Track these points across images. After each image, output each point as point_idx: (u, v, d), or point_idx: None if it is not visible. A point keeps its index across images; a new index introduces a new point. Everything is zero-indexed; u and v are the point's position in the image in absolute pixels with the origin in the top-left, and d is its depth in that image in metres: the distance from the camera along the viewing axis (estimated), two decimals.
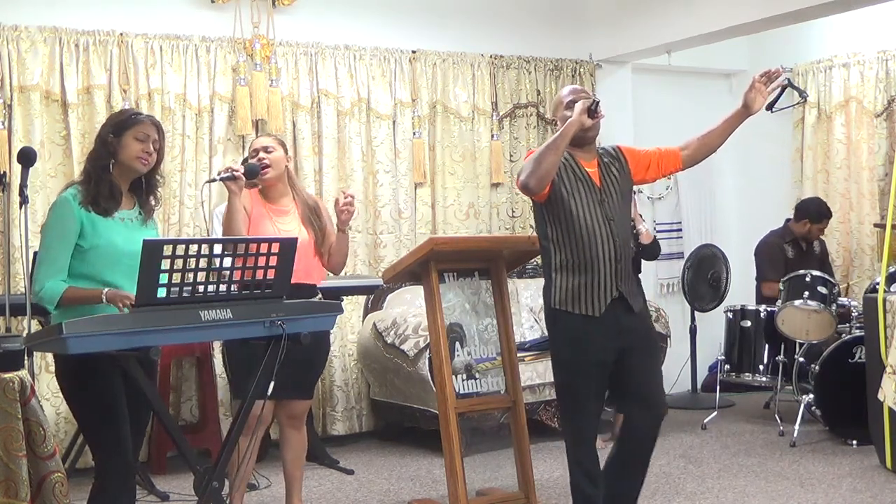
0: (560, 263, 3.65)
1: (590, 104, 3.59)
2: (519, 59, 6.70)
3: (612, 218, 3.64)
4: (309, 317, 3.30)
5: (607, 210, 3.64)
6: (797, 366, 5.84)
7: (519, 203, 6.71)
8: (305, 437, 4.18)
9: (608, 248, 3.60)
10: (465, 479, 4.18)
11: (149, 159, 3.27)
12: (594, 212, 3.62)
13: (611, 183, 3.70)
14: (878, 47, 6.87)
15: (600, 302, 3.60)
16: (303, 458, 4.20)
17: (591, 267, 3.60)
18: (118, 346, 2.90)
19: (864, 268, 6.89)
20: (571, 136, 3.55)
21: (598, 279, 3.59)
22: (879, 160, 6.88)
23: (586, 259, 3.60)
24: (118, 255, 3.18)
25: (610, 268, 3.60)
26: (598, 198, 3.64)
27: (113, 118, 3.38)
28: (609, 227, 3.62)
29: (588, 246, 3.60)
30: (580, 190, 3.62)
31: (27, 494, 2.78)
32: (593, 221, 3.61)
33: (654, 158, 3.81)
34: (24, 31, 5.18)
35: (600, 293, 3.60)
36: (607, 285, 3.60)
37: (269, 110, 5.77)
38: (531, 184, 3.52)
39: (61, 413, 5.09)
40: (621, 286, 3.63)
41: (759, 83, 3.65)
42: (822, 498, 4.56)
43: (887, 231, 5.05)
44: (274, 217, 3.98)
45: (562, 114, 3.72)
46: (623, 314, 3.65)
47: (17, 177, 4.01)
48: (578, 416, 3.70)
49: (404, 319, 5.66)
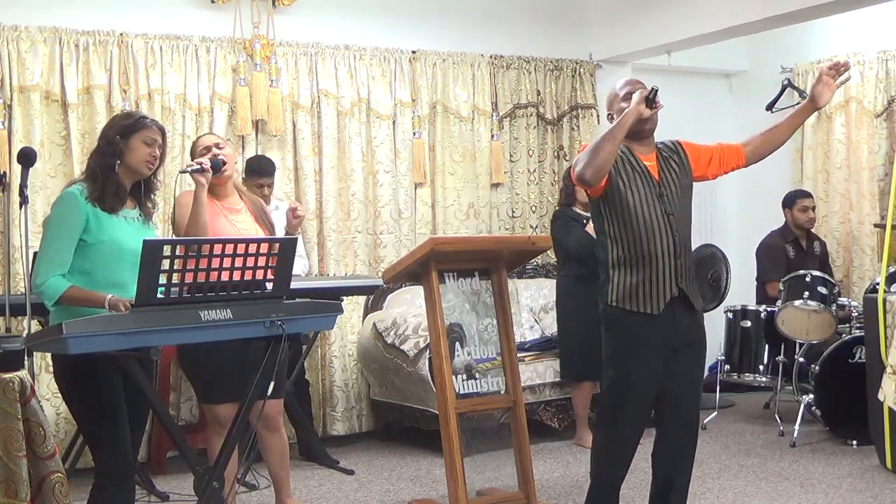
0: (617, 259, 3.54)
1: (648, 93, 3.48)
2: (519, 59, 6.70)
3: (671, 212, 3.53)
4: (309, 317, 3.30)
5: (666, 204, 3.53)
6: (797, 366, 5.84)
7: (519, 203, 6.71)
8: (284, 438, 4.13)
9: (667, 244, 3.49)
10: (465, 479, 4.18)
11: (154, 163, 3.32)
12: (653, 206, 3.51)
13: (670, 177, 3.59)
14: (878, 47, 6.87)
15: (659, 300, 3.48)
16: (286, 458, 4.15)
17: (650, 263, 3.48)
18: (118, 346, 2.90)
19: (864, 268, 6.88)
20: (629, 126, 3.44)
21: (657, 276, 3.48)
22: (879, 160, 6.88)
23: (645, 255, 3.49)
24: (122, 252, 3.20)
25: (669, 264, 3.49)
26: (657, 192, 3.54)
27: (120, 120, 3.38)
28: (668, 221, 3.51)
29: (646, 241, 3.49)
30: (638, 183, 3.52)
31: (27, 494, 2.78)
32: (652, 216, 3.50)
33: (716, 154, 3.72)
34: (24, 31, 5.18)
35: (659, 290, 3.48)
36: (666, 282, 3.49)
37: (269, 110, 5.77)
38: (587, 175, 3.39)
39: (61, 413, 5.09)
40: (681, 283, 3.51)
41: (826, 76, 3.55)
42: (822, 498, 4.56)
43: (887, 231, 5.05)
44: (228, 215, 3.93)
45: (618, 106, 3.60)
46: (682, 313, 3.54)
47: (17, 177, 4.02)
48: (623, 417, 3.58)
49: (404, 319, 5.66)
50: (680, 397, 3.60)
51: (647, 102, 3.48)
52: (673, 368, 3.55)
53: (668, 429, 3.66)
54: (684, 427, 3.65)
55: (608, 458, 3.67)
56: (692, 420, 3.67)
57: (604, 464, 3.69)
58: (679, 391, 3.59)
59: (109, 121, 3.46)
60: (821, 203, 7.10)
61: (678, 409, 3.61)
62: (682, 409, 3.62)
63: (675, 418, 3.62)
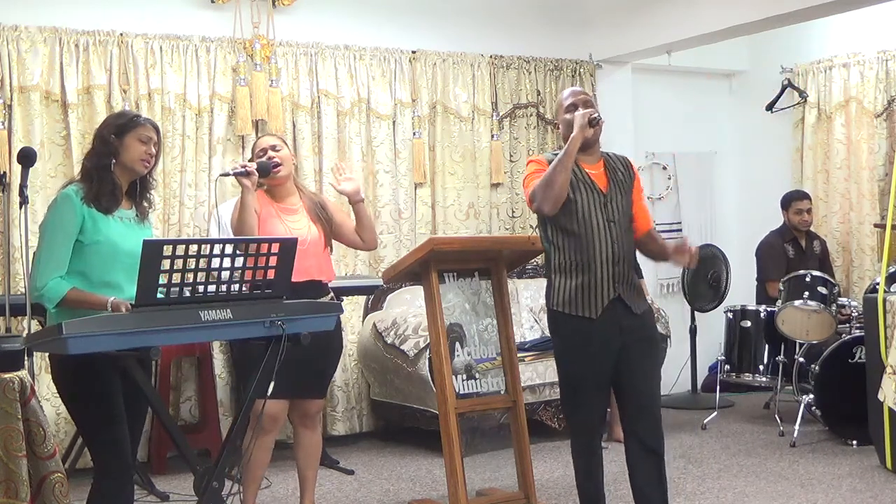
0: (559, 265, 3.68)
1: (589, 117, 3.61)
2: (519, 59, 6.70)
3: (613, 220, 3.66)
4: (309, 317, 3.30)
5: (609, 212, 3.66)
6: (797, 366, 5.84)
7: (519, 203, 6.71)
8: (319, 438, 4.18)
9: (607, 251, 3.62)
10: (465, 479, 4.18)
11: (150, 161, 3.31)
12: (595, 213, 3.64)
13: (616, 187, 3.72)
14: (878, 47, 6.87)
15: (597, 304, 3.62)
16: (316, 458, 4.19)
17: (589, 269, 3.62)
18: (118, 346, 2.90)
19: (864, 268, 6.89)
20: (575, 152, 3.59)
21: (596, 281, 3.62)
22: (879, 160, 6.88)
23: (585, 261, 3.62)
24: (117, 252, 3.19)
25: (607, 270, 3.62)
26: (602, 200, 3.66)
27: (114, 119, 3.38)
28: (609, 228, 3.64)
29: (587, 248, 3.62)
30: (582, 192, 3.64)
31: (27, 494, 2.78)
32: (593, 223, 3.63)
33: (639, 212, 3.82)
34: (24, 31, 5.18)
35: (597, 295, 3.62)
36: (605, 287, 3.62)
37: (269, 110, 5.77)
38: (546, 209, 3.57)
39: (61, 413, 5.09)
40: (619, 287, 3.64)
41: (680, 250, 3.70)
42: (822, 498, 4.56)
43: (887, 231, 5.05)
44: (283, 216, 3.99)
45: (563, 117, 3.76)
46: (623, 316, 3.66)
47: (17, 177, 4.02)
48: (580, 412, 3.75)
49: (404, 319, 5.66)
50: (634, 388, 3.72)
51: (590, 123, 3.62)
52: (624, 363, 3.68)
53: (631, 418, 3.75)
54: (645, 413, 3.73)
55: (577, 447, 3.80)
56: (651, 407, 3.75)
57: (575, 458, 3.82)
58: (633, 381, 3.71)
59: (103, 121, 3.45)
60: (821, 203, 7.11)
61: (636, 397, 3.73)
62: (640, 397, 3.73)
63: (634, 406, 3.73)
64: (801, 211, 6.50)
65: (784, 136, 7.40)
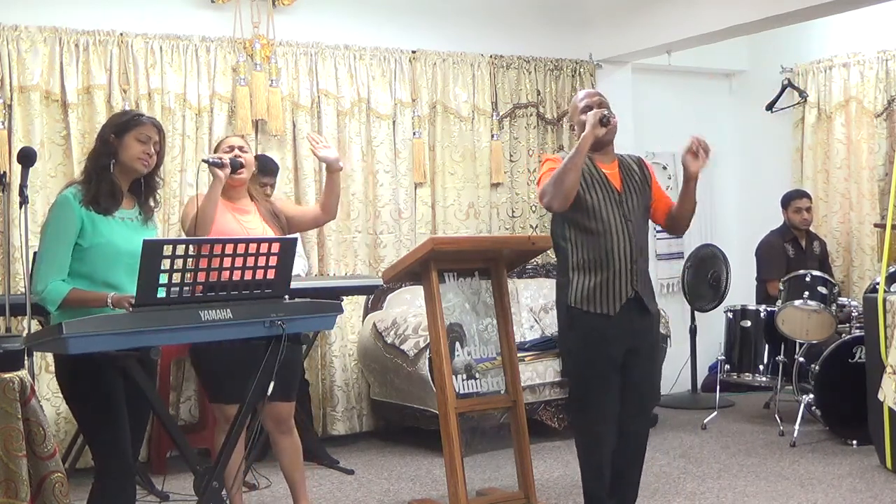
0: (577, 263, 3.72)
1: (601, 116, 3.66)
2: (519, 59, 6.70)
3: (629, 218, 3.71)
4: (309, 317, 3.30)
5: (625, 210, 3.72)
6: (797, 366, 5.84)
7: (519, 203, 6.71)
8: (298, 440, 4.10)
9: (625, 248, 3.67)
10: (465, 479, 4.18)
11: (149, 161, 3.29)
12: (611, 211, 3.69)
13: (631, 186, 3.78)
14: (878, 47, 6.87)
15: (616, 301, 3.67)
16: (299, 460, 4.12)
17: (608, 266, 3.67)
18: (118, 346, 2.90)
19: (864, 268, 6.88)
20: (587, 150, 3.63)
21: (615, 278, 3.66)
22: (879, 160, 6.88)
23: (603, 258, 3.67)
24: (118, 254, 3.18)
25: (626, 267, 3.68)
26: (617, 198, 3.72)
27: (114, 118, 3.38)
28: (626, 226, 3.69)
29: (605, 245, 3.67)
30: (597, 189, 3.69)
31: (27, 494, 2.77)
32: (610, 221, 3.68)
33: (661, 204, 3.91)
34: (24, 31, 5.18)
35: (616, 292, 3.67)
36: (623, 285, 3.68)
37: (269, 110, 5.77)
38: (556, 206, 3.62)
39: (61, 413, 5.09)
40: (637, 286, 3.70)
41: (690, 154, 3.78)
42: (822, 498, 4.56)
43: (887, 231, 5.05)
44: (237, 215, 3.93)
45: (578, 119, 3.80)
46: (637, 315, 3.72)
47: (17, 177, 4.01)
48: (593, 413, 3.76)
49: (404, 319, 5.66)
50: (637, 388, 3.79)
51: (601, 122, 3.66)
52: (630, 365, 3.74)
53: (631, 417, 3.80)
54: (644, 413, 3.85)
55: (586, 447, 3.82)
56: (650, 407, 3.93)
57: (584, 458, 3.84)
58: (636, 383, 3.79)
59: (106, 120, 3.45)
60: (821, 203, 7.11)
61: (638, 398, 3.81)
62: (642, 398, 3.82)
63: (635, 406, 3.80)
64: (800, 209, 6.50)
65: (784, 135, 7.40)
